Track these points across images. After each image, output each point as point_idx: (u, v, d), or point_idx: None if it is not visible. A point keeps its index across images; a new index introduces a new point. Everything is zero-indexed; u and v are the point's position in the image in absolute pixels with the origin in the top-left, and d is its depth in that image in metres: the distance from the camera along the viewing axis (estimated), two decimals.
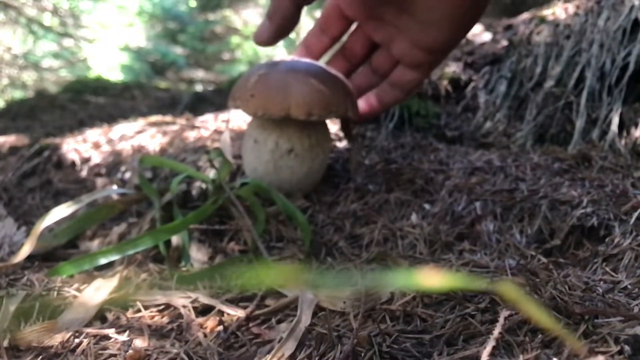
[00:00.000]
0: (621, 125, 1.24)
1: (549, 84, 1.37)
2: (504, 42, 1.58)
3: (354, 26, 0.98)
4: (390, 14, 0.88)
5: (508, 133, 1.35)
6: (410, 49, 0.89)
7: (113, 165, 1.31)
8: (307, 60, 0.97)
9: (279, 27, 0.87)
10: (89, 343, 0.63)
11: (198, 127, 1.46)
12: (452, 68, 1.54)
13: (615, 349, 0.48)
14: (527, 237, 0.87)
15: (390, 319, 0.61)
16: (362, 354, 0.54)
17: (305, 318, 0.63)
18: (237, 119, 1.50)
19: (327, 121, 1.03)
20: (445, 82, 1.51)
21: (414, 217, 0.94)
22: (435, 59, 0.91)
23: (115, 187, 1.22)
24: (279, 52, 5.70)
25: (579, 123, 1.27)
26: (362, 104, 1.00)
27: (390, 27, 0.91)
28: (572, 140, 1.26)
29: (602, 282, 0.67)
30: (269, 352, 0.59)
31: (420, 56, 0.89)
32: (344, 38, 1.00)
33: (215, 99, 2.51)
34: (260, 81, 0.92)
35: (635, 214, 0.83)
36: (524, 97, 1.41)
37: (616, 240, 0.80)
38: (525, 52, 1.48)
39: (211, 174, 1.08)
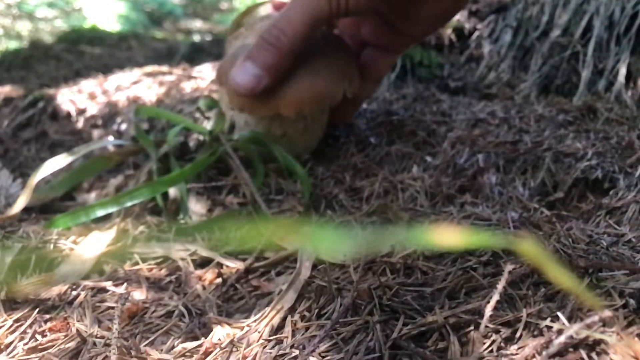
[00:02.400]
0: (628, 76, 1.21)
1: (556, 33, 1.33)
2: None
3: None
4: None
5: (512, 84, 1.32)
6: (390, 35, 0.88)
7: (109, 117, 1.29)
8: None
9: (276, 79, 0.81)
10: (86, 295, 0.63)
11: (195, 78, 1.43)
12: (456, 16, 1.50)
13: (619, 302, 0.47)
14: (530, 189, 0.86)
15: (390, 272, 0.60)
16: (362, 307, 0.53)
17: (304, 270, 0.62)
18: None
19: None
20: (448, 31, 1.47)
21: (415, 170, 0.93)
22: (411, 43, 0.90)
23: (111, 138, 1.20)
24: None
25: (585, 74, 1.24)
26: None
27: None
28: (577, 91, 1.24)
29: (605, 235, 0.66)
30: (268, 304, 0.59)
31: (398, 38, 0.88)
32: None
33: (213, 49, 2.46)
34: None
35: None
36: (529, 46, 1.38)
37: (620, 193, 0.79)
38: (532, 0, 1.44)
39: (208, 125, 1.06)
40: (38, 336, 0.57)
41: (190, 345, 0.54)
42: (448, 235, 0.33)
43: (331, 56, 0.87)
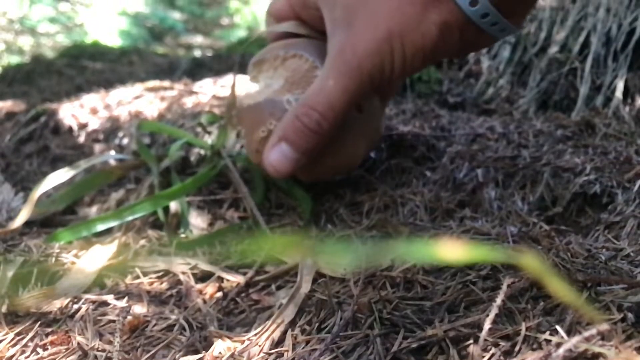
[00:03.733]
0: (626, 92, 1.22)
1: (554, 49, 1.35)
2: None
3: None
4: None
5: (511, 99, 1.33)
6: None
7: (111, 131, 1.29)
8: None
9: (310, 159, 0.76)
10: (87, 309, 0.63)
11: (196, 93, 1.44)
12: None
13: (618, 316, 0.48)
14: (529, 204, 0.86)
15: (390, 286, 0.61)
16: (363, 320, 0.54)
17: (305, 284, 0.62)
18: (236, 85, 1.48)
19: None
20: None
21: (414, 184, 0.93)
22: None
23: (113, 152, 1.21)
24: None
25: (583, 89, 1.25)
26: None
27: None
28: (575, 106, 1.25)
29: (604, 250, 0.67)
30: (268, 318, 0.59)
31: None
32: None
33: (214, 65, 2.48)
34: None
35: (639, 182, 0.82)
36: (528, 62, 1.39)
37: (619, 208, 0.80)
38: (530, 17, 1.45)
39: (209, 140, 1.07)
40: (39, 349, 0.57)
41: (191, 358, 0.54)
42: (449, 250, 0.33)
43: (363, 118, 0.83)
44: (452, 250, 0.32)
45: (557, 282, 0.32)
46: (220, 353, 0.54)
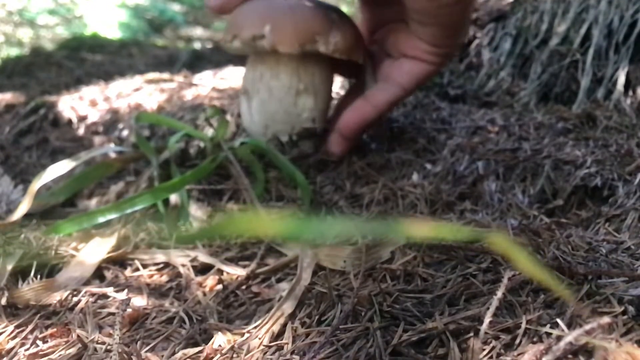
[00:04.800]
0: (627, 84, 1.22)
1: (555, 41, 1.34)
2: None
3: None
4: (396, 16, 0.90)
5: (512, 92, 1.33)
6: (415, 40, 0.88)
7: (110, 123, 1.29)
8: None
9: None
10: (87, 301, 0.63)
11: (196, 85, 1.43)
12: None
13: (618, 309, 0.48)
14: (530, 197, 0.86)
15: (390, 279, 0.61)
16: (363, 313, 0.53)
17: (305, 277, 0.62)
18: (235, 77, 1.48)
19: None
20: None
21: (415, 177, 0.93)
22: (438, 48, 0.89)
23: (112, 145, 1.20)
24: None
25: (584, 82, 1.25)
26: (348, 114, 0.96)
27: (398, 28, 0.92)
28: (576, 99, 1.24)
29: (605, 243, 0.66)
30: (268, 310, 0.59)
31: (423, 46, 0.88)
32: None
33: (214, 57, 2.47)
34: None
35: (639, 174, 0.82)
36: (529, 55, 1.38)
37: (619, 201, 0.79)
38: (531, 9, 1.44)
39: (209, 132, 1.07)
40: (39, 342, 0.57)
41: (191, 351, 0.54)
42: (417, 228, 0.33)
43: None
44: (419, 228, 0.33)
45: (524, 259, 0.32)
46: (220, 346, 0.54)
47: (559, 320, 0.46)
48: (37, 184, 0.88)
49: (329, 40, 0.89)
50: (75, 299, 0.64)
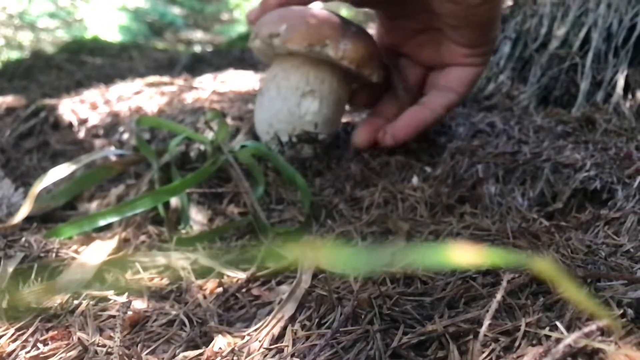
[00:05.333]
0: (627, 88, 1.22)
1: (554, 45, 1.34)
2: (509, 2, 1.55)
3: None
4: (422, 26, 0.93)
5: (511, 95, 1.33)
6: (452, 45, 0.90)
7: (111, 126, 1.29)
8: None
9: None
10: (87, 304, 0.63)
11: (196, 88, 1.44)
12: None
13: (618, 312, 0.48)
14: (529, 200, 0.86)
15: (390, 282, 0.61)
16: (363, 316, 0.54)
17: (305, 280, 0.63)
18: (235, 80, 1.48)
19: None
20: None
21: (415, 180, 0.93)
22: (477, 48, 0.90)
23: (113, 148, 1.21)
24: None
25: (584, 85, 1.25)
26: (402, 119, 0.98)
27: (430, 37, 0.94)
28: (576, 102, 1.24)
29: (604, 246, 0.67)
30: (268, 313, 0.59)
31: (463, 50, 0.90)
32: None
33: (214, 60, 2.48)
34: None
35: (639, 178, 0.82)
36: (528, 58, 1.39)
37: (619, 204, 0.80)
38: (531, 12, 1.45)
39: (210, 135, 1.07)
40: (40, 345, 0.57)
41: (191, 354, 0.54)
42: (460, 254, 0.33)
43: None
44: (467, 255, 0.32)
45: (575, 289, 0.32)
46: (220, 348, 0.54)
47: (558, 323, 0.46)
48: (37, 187, 0.88)
49: (339, 46, 0.91)
50: (75, 301, 0.64)
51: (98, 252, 0.73)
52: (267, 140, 1.00)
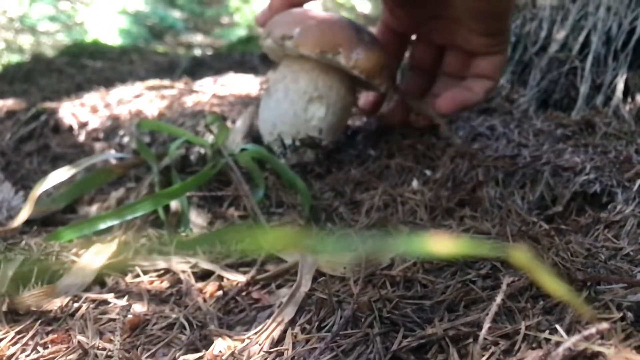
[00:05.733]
0: (626, 91, 1.22)
1: (554, 48, 1.35)
2: None
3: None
4: (436, 13, 0.93)
5: (511, 98, 1.33)
6: (471, 35, 0.90)
7: (111, 130, 1.29)
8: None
9: None
10: (88, 308, 0.63)
11: (196, 92, 1.44)
12: None
13: (617, 315, 0.48)
14: (529, 203, 0.86)
15: (390, 285, 0.61)
16: (363, 319, 0.54)
17: (305, 283, 0.63)
18: (235, 84, 1.49)
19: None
20: None
21: (414, 183, 0.93)
22: (499, 37, 0.91)
23: (113, 151, 1.21)
24: None
25: (583, 88, 1.25)
26: (450, 95, 0.99)
27: (444, 24, 0.94)
28: (575, 106, 1.24)
29: (604, 249, 0.67)
30: (268, 317, 0.59)
31: (484, 40, 0.90)
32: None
33: (214, 63, 2.48)
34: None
35: (639, 181, 0.82)
36: (528, 61, 1.39)
37: (618, 207, 0.80)
38: (530, 16, 1.45)
39: (210, 138, 1.07)
40: (40, 348, 0.57)
41: (191, 357, 0.54)
42: (442, 244, 0.33)
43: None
44: (447, 245, 0.33)
45: (551, 279, 0.33)
46: (220, 352, 0.54)
47: (557, 326, 0.47)
48: (38, 190, 0.89)
49: (351, 55, 0.92)
50: (76, 305, 0.64)
51: (98, 255, 0.73)
52: (269, 141, 1.00)
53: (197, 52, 4.78)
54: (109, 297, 0.66)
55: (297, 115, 0.97)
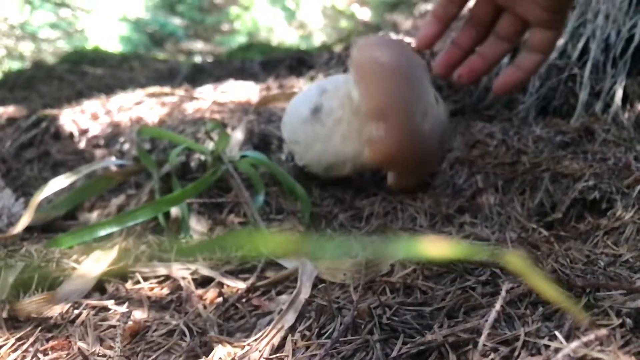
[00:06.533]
0: (625, 98, 1.22)
1: (553, 55, 1.35)
2: None
3: None
4: None
5: (510, 105, 1.33)
6: (533, 6, 0.90)
7: (111, 137, 1.30)
8: None
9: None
10: (88, 314, 0.63)
11: (197, 99, 1.44)
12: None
13: (617, 322, 0.48)
14: (529, 210, 0.87)
15: (390, 291, 0.61)
16: (362, 326, 0.54)
17: (305, 290, 0.63)
18: (236, 91, 1.49)
19: None
20: None
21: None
22: (559, 13, 0.91)
23: (113, 158, 1.21)
24: (279, 22, 5.62)
25: (582, 95, 1.25)
26: (502, 78, 0.98)
27: None
28: (575, 112, 1.25)
29: (603, 256, 0.67)
30: (268, 323, 0.59)
31: (542, 13, 0.90)
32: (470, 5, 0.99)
33: (214, 71, 2.48)
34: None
35: (638, 188, 0.83)
36: None
37: (618, 214, 0.80)
38: None
39: (210, 145, 1.07)
40: (40, 355, 0.57)
41: None
42: (434, 246, 0.34)
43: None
44: (438, 247, 0.33)
45: (544, 282, 0.33)
46: (220, 358, 0.54)
47: (557, 333, 0.47)
48: (38, 197, 0.89)
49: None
50: (76, 311, 0.64)
51: (98, 262, 0.74)
52: (287, 144, 0.96)
53: (198, 59, 4.79)
54: (109, 303, 0.66)
55: (337, 154, 0.90)
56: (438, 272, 0.64)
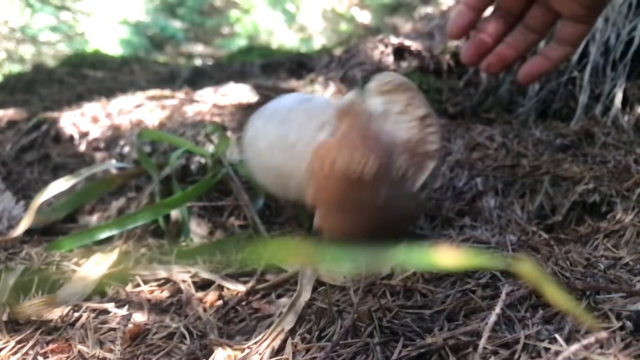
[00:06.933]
0: (624, 101, 1.22)
1: None
2: None
3: None
4: None
5: (510, 108, 1.34)
6: (570, 1, 0.89)
7: (112, 140, 1.30)
8: None
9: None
10: (88, 317, 0.63)
11: (197, 102, 1.44)
12: (455, 42, 1.52)
13: (617, 324, 0.48)
14: (529, 213, 0.87)
15: (390, 294, 0.61)
16: (362, 329, 0.54)
17: (305, 293, 0.63)
18: (236, 94, 1.49)
19: None
20: (447, 57, 1.49)
21: None
22: (594, 9, 0.91)
23: (113, 161, 1.21)
24: (279, 25, 5.63)
25: (582, 98, 1.26)
26: (527, 67, 0.98)
27: None
28: (574, 116, 1.25)
29: (603, 258, 0.67)
30: (268, 326, 0.59)
31: (578, 8, 0.89)
32: None
33: (215, 74, 2.49)
34: None
35: (638, 191, 0.83)
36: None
37: (618, 217, 0.80)
38: None
39: (210, 148, 1.07)
40: (40, 358, 0.57)
41: None
42: (447, 257, 0.34)
43: None
44: (450, 257, 0.33)
45: (555, 290, 0.33)
46: None
47: (557, 336, 0.47)
48: (38, 200, 0.89)
49: None
50: (76, 314, 0.64)
51: (99, 265, 0.74)
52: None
53: (198, 62, 4.80)
54: (110, 306, 0.66)
55: None
56: (438, 275, 0.64)
